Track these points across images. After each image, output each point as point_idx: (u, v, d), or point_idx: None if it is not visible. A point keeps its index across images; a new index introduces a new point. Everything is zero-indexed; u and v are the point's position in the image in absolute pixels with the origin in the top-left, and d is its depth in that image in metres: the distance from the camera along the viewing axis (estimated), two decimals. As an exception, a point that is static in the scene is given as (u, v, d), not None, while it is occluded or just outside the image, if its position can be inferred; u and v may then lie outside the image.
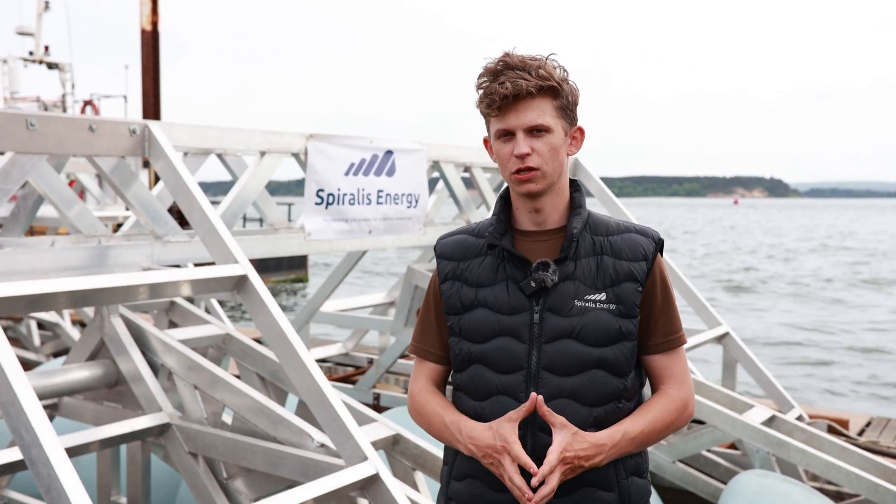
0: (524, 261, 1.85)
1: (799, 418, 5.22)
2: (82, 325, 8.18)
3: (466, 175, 5.61)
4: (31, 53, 24.00)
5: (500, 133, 1.82)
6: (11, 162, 3.19)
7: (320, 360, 6.97)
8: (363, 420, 3.43)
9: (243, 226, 21.83)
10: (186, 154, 4.05)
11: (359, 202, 4.58)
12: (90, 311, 4.27)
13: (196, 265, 3.84)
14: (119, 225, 7.81)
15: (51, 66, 24.06)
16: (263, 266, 21.57)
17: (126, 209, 8.14)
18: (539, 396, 1.76)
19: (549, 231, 1.88)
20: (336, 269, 6.29)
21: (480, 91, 1.81)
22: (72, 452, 3.04)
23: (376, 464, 2.89)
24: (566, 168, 1.87)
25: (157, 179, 5.31)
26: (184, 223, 4.12)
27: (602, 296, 1.82)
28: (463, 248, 1.93)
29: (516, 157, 1.79)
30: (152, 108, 17.94)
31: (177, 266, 3.71)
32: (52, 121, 3.12)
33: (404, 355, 6.20)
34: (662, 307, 1.87)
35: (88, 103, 23.35)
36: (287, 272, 24.69)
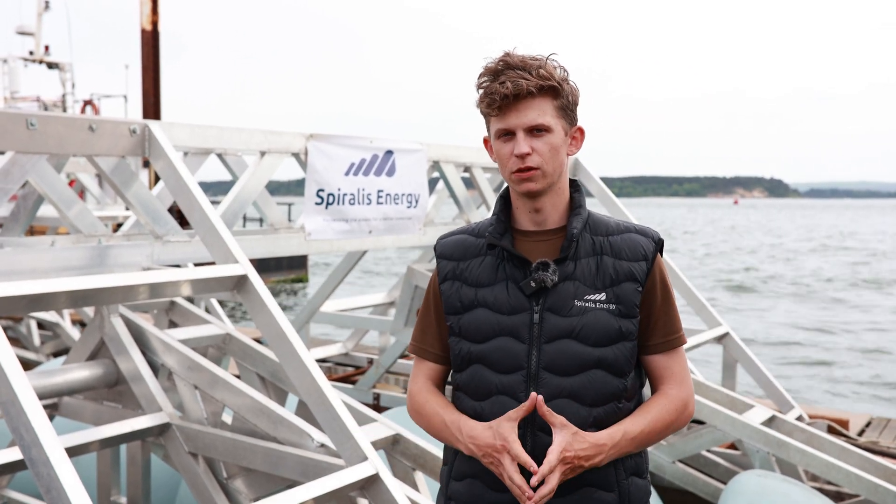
0: (524, 261, 1.85)
1: (799, 418, 5.22)
2: (82, 325, 8.18)
3: (466, 175, 5.61)
4: (32, 53, 24.00)
5: (501, 133, 1.82)
6: (11, 162, 3.19)
7: (320, 360, 6.97)
8: (363, 420, 3.43)
9: (243, 226, 21.83)
10: (186, 154, 4.05)
11: (359, 202, 4.58)
12: (90, 311, 4.27)
13: (196, 265, 3.84)
14: (119, 225, 7.80)
15: (51, 66, 24.06)
16: (263, 266, 21.56)
17: (126, 209, 8.14)
18: (539, 396, 1.76)
19: (549, 231, 1.88)
20: (336, 269, 6.29)
21: (481, 91, 1.81)
22: (72, 452, 3.04)
23: (376, 464, 2.89)
24: (566, 168, 1.87)
25: (157, 179, 5.31)
26: (184, 223, 4.12)
27: (602, 296, 1.82)
28: (463, 248, 1.93)
29: (516, 157, 1.79)
30: (152, 108, 17.95)
31: (177, 266, 3.71)
32: (53, 120, 3.12)
33: (404, 355, 6.20)
34: (662, 307, 1.87)
35: (88, 103, 23.34)
36: (287, 272, 24.69)
